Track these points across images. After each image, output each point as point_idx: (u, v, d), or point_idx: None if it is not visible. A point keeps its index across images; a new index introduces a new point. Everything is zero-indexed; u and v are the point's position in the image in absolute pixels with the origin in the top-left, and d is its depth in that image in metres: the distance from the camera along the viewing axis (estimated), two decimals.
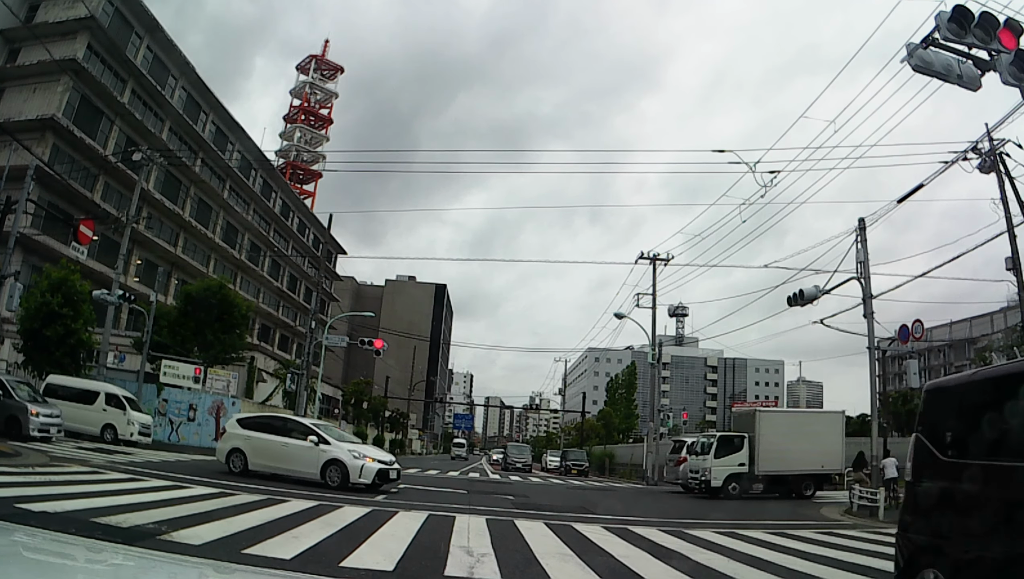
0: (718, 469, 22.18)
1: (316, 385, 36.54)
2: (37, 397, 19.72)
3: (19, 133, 27.77)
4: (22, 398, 18.23)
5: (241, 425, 15.53)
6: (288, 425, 15.53)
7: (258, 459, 14.65)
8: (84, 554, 2.03)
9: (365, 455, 14.38)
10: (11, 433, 17.12)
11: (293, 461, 14.45)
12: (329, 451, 14.18)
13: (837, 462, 23.43)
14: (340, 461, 14.04)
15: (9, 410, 17.74)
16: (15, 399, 18.02)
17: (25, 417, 17.56)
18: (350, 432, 51.68)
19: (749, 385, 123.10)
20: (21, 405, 17.88)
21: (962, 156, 17.39)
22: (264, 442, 14.78)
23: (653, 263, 32.96)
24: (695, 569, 7.27)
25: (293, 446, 14.48)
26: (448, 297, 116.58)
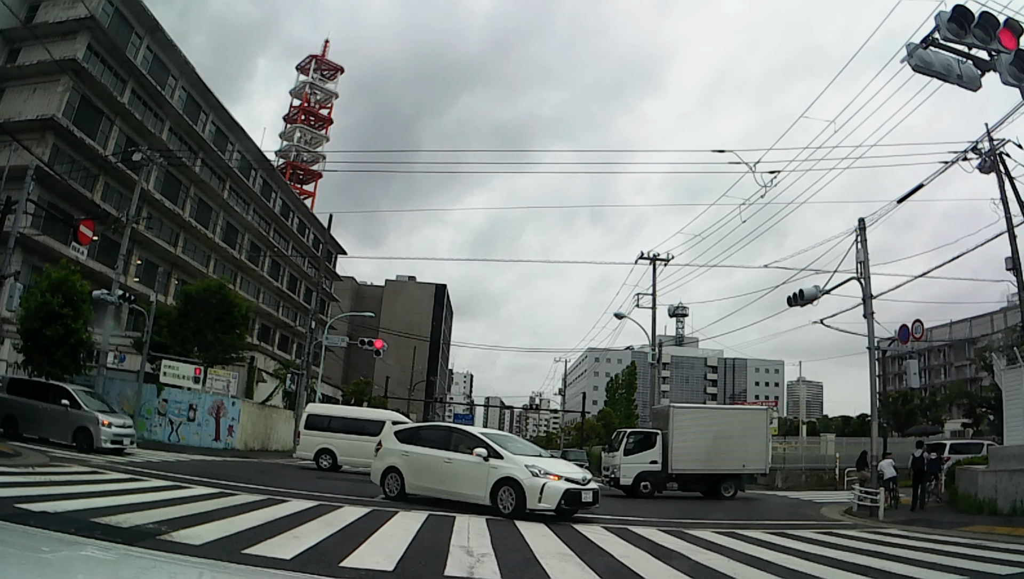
0: (628, 466, 21.36)
1: (316, 385, 36.56)
2: (107, 406, 18.99)
3: (19, 133, 27.77)
4: (91, 408, 17.33)
5: (399, 438, 13.37)
6: (453, 436, 12.98)
7: (417, 480, 12.54)
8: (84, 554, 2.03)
9: (547, 471, 11.38)
10: (81, 446, 16.47)
11: (457, 481, 12.03)
12: (501, 467, 11.48)
13: (761, 462, 22.66)
14: (515, 480, 11.30)
15: (78, 421, 16.90)
16: (83, 409, 17.12)
17: (96, 428, 16.68)
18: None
19: (749, 385, 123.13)
20: (91, 415, 16.98)
21: (962, 156, 17.40)
22: (425, 459, 12.51)
23: (653, 263, 32.96)
24: (695, 569, 7.26)
25: (458, 463, 12.01)
26: (448, 297, 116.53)
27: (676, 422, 21.83)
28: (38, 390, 18.32)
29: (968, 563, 8.85)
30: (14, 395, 18.10)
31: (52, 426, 17.31)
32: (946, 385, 72.22)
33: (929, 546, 10.80)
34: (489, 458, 11.66)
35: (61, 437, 17.04)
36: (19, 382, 19.41)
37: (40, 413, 17.41)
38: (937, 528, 13.89)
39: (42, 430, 17.48)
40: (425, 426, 15.70)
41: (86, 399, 17.68)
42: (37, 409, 17.44)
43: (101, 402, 18.79)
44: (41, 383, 19.01)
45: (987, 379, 46.49)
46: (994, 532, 12.78)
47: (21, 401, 17.76)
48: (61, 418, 17.06)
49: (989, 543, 11.37)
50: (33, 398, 17.77)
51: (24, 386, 18.88)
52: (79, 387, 19.53)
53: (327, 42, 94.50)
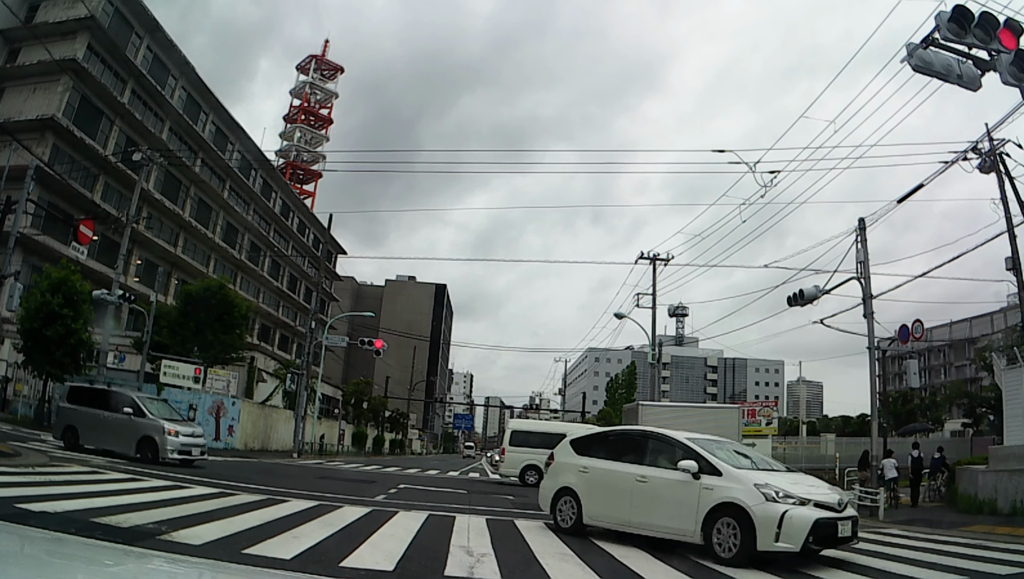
0: None
1: (316, 385, 36.56)
2: (175, 414, 18.05)
3: (19, 133, 27.79)
4: (157, 415, 16.13)
5: (576, 448, 10.10)
6: (649, 445, 9.30)
7: (598, 506, 9.19)
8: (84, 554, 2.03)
9: (786, 493, 7.55)
10: (146, 457, 15.38)
11: (652, 509, 8.55)
12: (719, 489, 7.87)
13: None
14: (739, 506, 7.55)
15: (142, 431, 15.70)
16: (148, 417, 15.94)
17: (161, 438, 15.43)
18: (350, 433, 52.10)
19: (749, 385, 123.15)
20: (155, 424, 15.73)
21: (962, 156, 17.39)
22: (609, 476, 9.22)
23: (653, 263, 32.95)
24: (695, 568, 7.26)
25: (656, 482, 8.60)
26: (448, 297, 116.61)
27: (644, 420, 21.40)
28: (100, 398, 17.12)
29: (968, 563, 8.85)
30: (75, 404, 17.10)
31: (114, 436, 16.15)
32: (946, 385, 72.20)
33: (929, 546, 10.80)
34: (700, 475, 8.06)
35: (124, 448, 15.88)
36: (81, 390, 18.33)
37: (102, 423, 16.27)
38: (937, 528, 13.89)
39: (104, 441, 16.38)
40: (611, 431, 11.99)
41: (151, 406, 16.58)
42: (99, 419, 16.33)
43: (169, 409, 17.82)
44: (104, 390, 18.05)
45: (987, 379, 46.45)
46: (994, 532, 12.78)
47: (83, 410, 16.74)
48: (124, 428, 15.84)
49: (989, 543, 11.36)
50: (95, 406, 16.65)
51: (86, 394, 17.74)
52: (145, 394, 18.56)
53: (327, 42, 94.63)
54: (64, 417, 17.23)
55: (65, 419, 17.08)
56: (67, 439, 16.53)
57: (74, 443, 16.31)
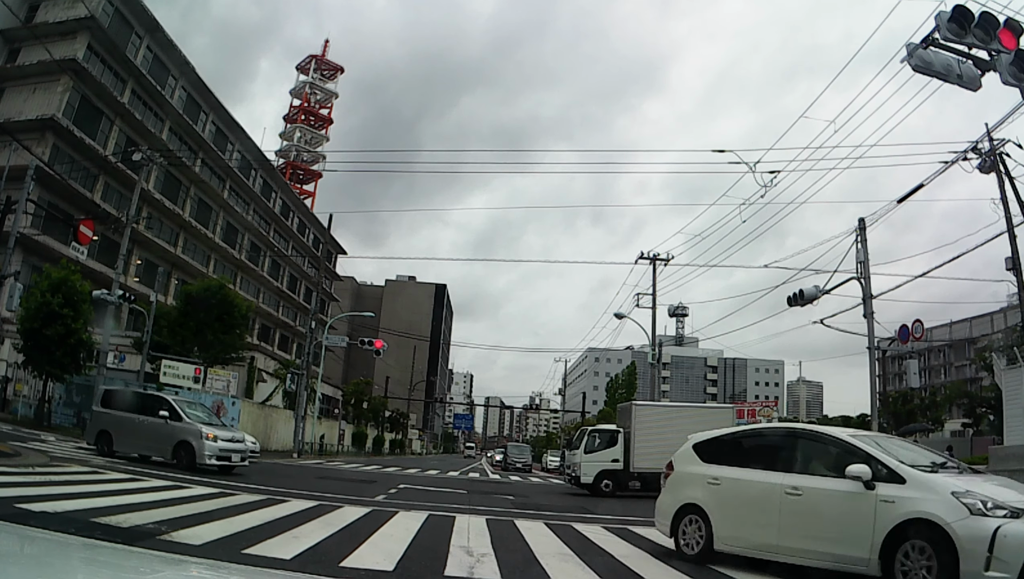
0: (588, 465, 20.90)
1: (316, 385, 36.55)
2: (214, 418, 17.33)
3: (19, 133, 27.78)
4: (194, 419, 15.36)
5: (702, 454, 8.12)
6: (800, 446, 7.26)
7: (734, 528, 7.22)
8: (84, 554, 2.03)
9: (996, 502, 5.53)
10: (182, 462, 14.64)
11: (811, 531, 6.54)
12: (903, 501, 5.89)
13: None
14: (932, 524, 5.60)
15: (178, 435, 14.98)
16: (184, 421, 15.18)
17: (199, 443, 14.61)
18: (350, 433, 52.12)
19: (749, 385, 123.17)
20: (192, 428, 14.96)
21: (962, 156, 17.40)
22: (748, 489, 7.28)
23: (653, 263, 32.96)
24: (695, 569, 7.26)
25: (812, 494, 6.59)
26: (448, 297, 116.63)
27: (638, 420, 21.37)
28: (135, 401, 16.61)
29: None
30: (109, 408, 16.61)
31: (149, 441, 15.54)
32: (946, 385, 72.21)
33: None
34: (875, 483, 6.10)
35: (160, 453, 15.31)
36: (115, 394, 17.88)
37: (137, 427, 15.67)
38: None
39: (139, 446, 15.88)
40: (747, 431, 9.83)
41: (189, 410, 15.81)
42: (133, 423, 15.74)
43: (208, 414, 17.15)
44: (139, 393, 17.36)
45: (987, 379, 46.51)
46: None
47: (117, 414, 16.22)
48: (159, 432, 15.20)
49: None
50: (130, 410, 16.11)
51: (120, 397, 17.33)
52: (182, 398, 17.82)
53: (327, 42, 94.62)
54: (97, 422, 16.65)
55: (98, 424, 16.49)
56: (100, 444, 15.98)
57: (108, 449, 15.78)
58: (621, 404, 28.53)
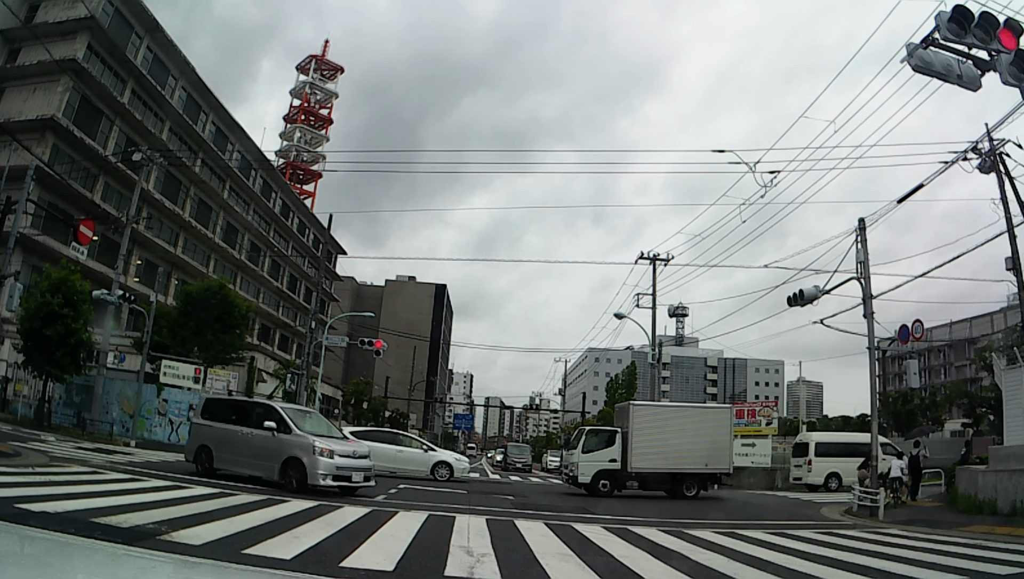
0: (586, 465, 20.85)
1: (316, 385, 36.55)
2: (332, 429, 15.12)
3: (19, 133, 27.78)
4: (305, 430, 13.36)
5: None
6: None
7: None
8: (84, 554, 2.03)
9: None
10: (290, 483, 12.50)
11: None
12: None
13: (724, 462, 22.06)
14: None
15: (286, 450, 12.87)
16: (295, 433, 13.06)
17: (310, 458, 12.46)
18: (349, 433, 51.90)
19: (749, 385, 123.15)
20: (303, 441, 12.81)
21: (962, 156, 17.39)
22: None
23: (653, 263, 32.96)
24: (695, 569, 7.26)
25: None
26: (448, 297, 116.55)
27: (636, 420, 21.37)
28: (239, 411, 14.83)
29: (968, 563, 8.85)
30: (210, 420, 14.78)
31: (253, 457, 13.51)
32: (946, 385, 72.20)
33: (929, 546, 10.80)
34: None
35: (265, 471, 13.13)
36: (217, 403, 16.14)
37: (241, 442, 13.75)
38: (937, 528, 13.89)
39: (241, 463, 13.75)
40: None
41: (300, 420, 13.80)
42: (236, 437, 13.87)
43: (326, 425, 15.12)
44: (242, 403, 15.64)
45: (987, 379, 46.47)
46: (994, 532, 12.77)
47: (219, 427, 14.37)
48: (265, 447, 13.22)
49: (989, 543, 11.36)
50: (232, 422, 14.27)
51: (223, 407, 15.70)
52: (293, 406, 16.12)
53: (327, 42, 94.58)
54: (197, 436, 14.97)
55: (198, 438, 14.78)
56: (200, 462, 14.24)
57: (208, 467, 14.01)
58: (619, 404, 28.52)
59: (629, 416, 21.61)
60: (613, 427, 22.47)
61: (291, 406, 15.84)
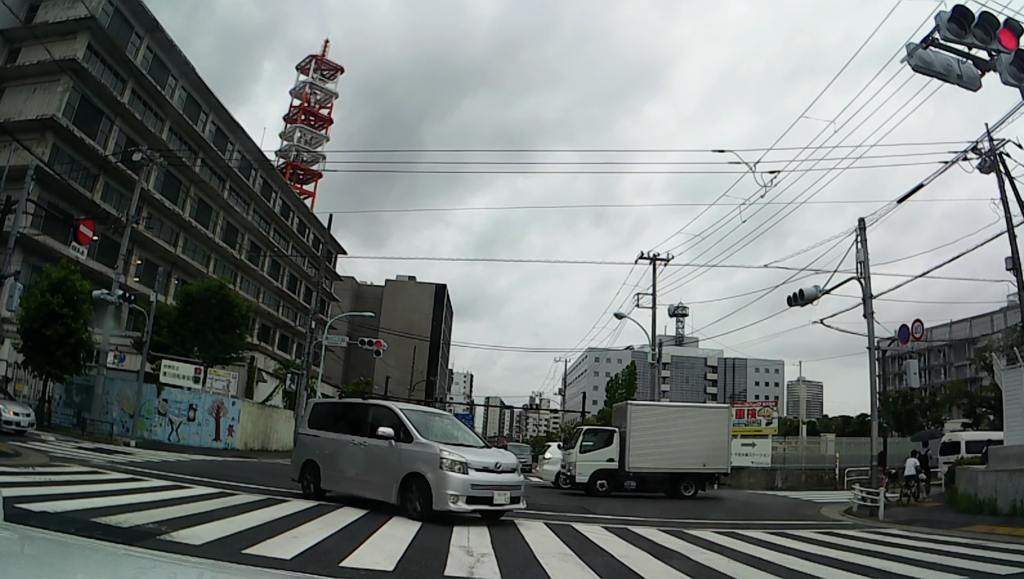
0: (584, 464, 20.80)
1: (316, 385, 36.56)
2: (467, 435, 11.76)
3: (19, 133, 27.76)
4: (432, 438, 10.42)
5: None
6: None
7: None
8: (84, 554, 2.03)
9: None
10: (411, 506, 9.81)
11: None
12: None
13: (722, 462, 22.05)
14: None
15: (408, 463, 10.10)
16: (418, 440, 10.27)
17: (437, 475, 9.62)
18: None
19: (749, 385, 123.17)
20: (428, 451, 9.96)
21: (962, 156, 17.40)
22: None
23: (653, 263, 32.97)
24: (695, 569, 7.26)
25: None
26: (448, 297, 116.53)
27: (633, 420, 21.32)
28: (349, 416, 12.23)
29: (968, 563, 8.85)
30: (318, 428, 12.16)
31: (366, 474, 10.87)
32: (946, 385, 72.20)
33: (929, 546, 10.80)
34: None
35: (382, 491, 10.40)
36: (326, 408, 13.97)
37: (350, 455, 11.17)
38: (937, 528, 13.89)
39: (352, 482, 11.17)
40: None
41: (424, 423, 10.99)
42: (346, 449, 11.24)
43: (461, 430, 11.99)
44: (353, 405, 13.47)
45: (987, 379, 46.50)
46: (994, 532, 12.78)
47: (327, 438, 11.70)
48: (380, 460, 10.56)
49: (989, 543, 11.36)
50: (342, 430, 11.62)
51: (333, 412, 13.25)
52: (414, 408, 13.12)
53: (327, 42, 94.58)
54: (303, 449, 12.40)
55: (304, 452, 12.17)
56: (306, 482, 11.73)
57: (314, 487, 11.52)
58: (617, 404, 28.51)
59: (627, 416, 21.58)
60: (611, 427, 22.44)
61: (415, 407, 13.06)
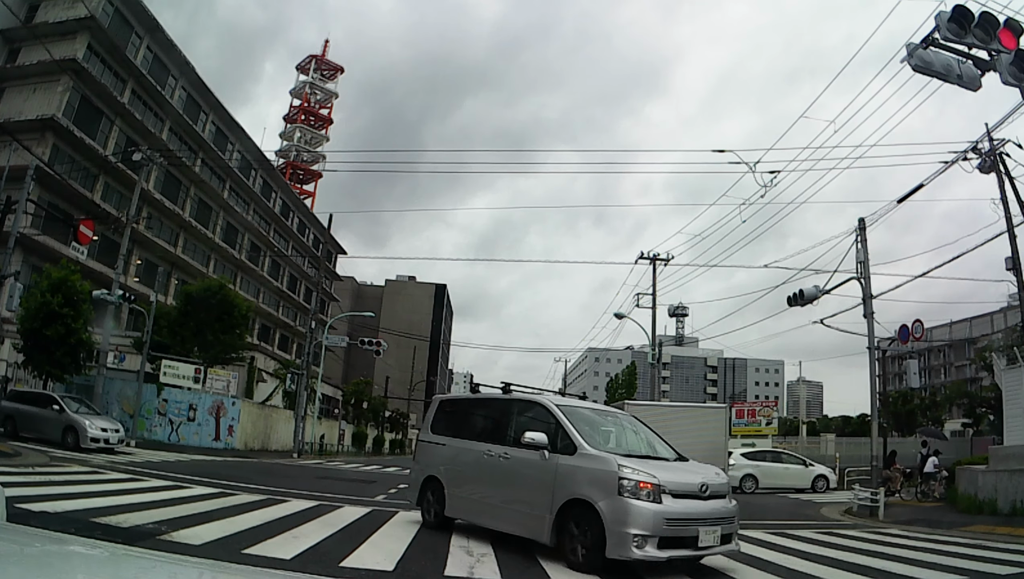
0: None
1: (316, 385, 36.56)
2: (654, 444, 8.46)
3: (19, 133, 27.76)
4: (604, 448, 7.40)
5: None
6: None
7: None
8: (84, 554, 2.03)
9: None
10: (571, 550, 6.74)
11: None
12: None
13: (720, 462, 21.71)
14: None
15: (568, 486, 6.93)
16: (585, 451, 7.02)
17: (613, 505, 6.41)
18: (350, 433, 51.99)
19: (749, 385, 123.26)
20: (602, 469, 6.69)
21: (962, 156, 17.39)
22: None
23: (653, 263, 32.95)
24: (694, 568, 7.26)
25: None
26: (448, 297, 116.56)
27: None
28: (486, 415, 8.98)
29: (968, 563, 8.85)
30: (445, 434, 9.16)
31: (507, 500, 7.77)
32: (946, 385, 72.24)
33: (929, 546, 10.80)
34: None
35: (530, 527, 7.35)
36: (456, 406, 10.19)
37: (485, 471, 8.12)
38: (937, 528, 13.89)
39: (487, 509, 8.06)
40: None
41: (592, 425, 7.94)
42: (480, 462, 8.19)
43: (636, 429, 8.71)
44: (489, 401, 9.04)
45: (987, 379, 46.50)
46: (994, 532, 12.78)
47: (457, 447, 8.80)
48: (528, 480, 7.51)
49: (989, 543, 11.36)
50: (477, 437, 8.61)
51: (465, 410, 9.71)
52: (573, 401, 8.95)
53: (327, 42, 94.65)
54: (423, 461, 9.51)
55: (425, 466, 9.39)
56: (426, 504, 9.08)
57: (435, 512, 8.82)
58: (614, 403, 28.48)
59: None
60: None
61: (576, 402, 8.80)
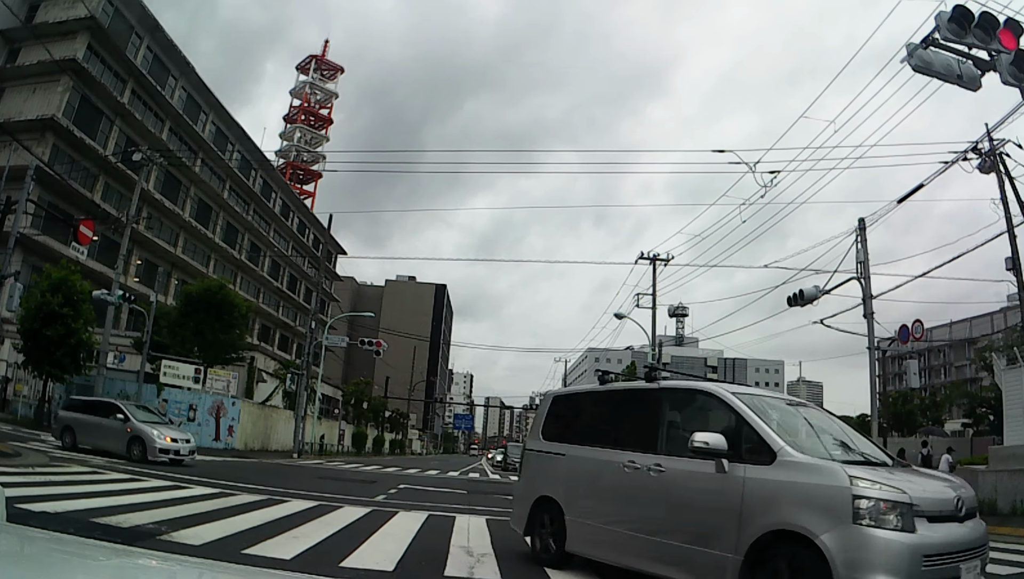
0: None
1: (316, 385, 36.55)
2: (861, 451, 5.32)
3: (19, 133, 27.77)
4: (811, 454, 4.81)
5: None
6: None
7: None
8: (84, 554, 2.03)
9: None
10: None
11: None
12: None
13: None
14: None
15: (767, 510, 4.62)
16: (789, 457, 4.67)
17: (849, 540, 4.13)
18: (350, 433, 52.04)
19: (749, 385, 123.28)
20: (820, 484, 4.37)
21: (962, 156, 17.38)
22: None
23: (653, 263, 32.93)
24: None
25: None
26: (448, 297, 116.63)
27: None
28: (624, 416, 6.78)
29: None
30: (563, 440, 7.05)
31: (666, 531, 5.39)
32: (946, 385, 72.20)
33: None
34: None
35: (702, 575, 4.98)
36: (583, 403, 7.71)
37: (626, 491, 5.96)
38: None
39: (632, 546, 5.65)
40: None
41: (789, 425, 5.53)
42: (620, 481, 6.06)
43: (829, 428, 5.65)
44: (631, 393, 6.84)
45: (987, 379, 46.50)
46: (994, 532, 12.72)
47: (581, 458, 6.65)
48: (703, 504, 5.16)
49: (989, 543, 11.33)
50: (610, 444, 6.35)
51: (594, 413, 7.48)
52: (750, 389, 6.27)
53: (327, 42, 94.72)
54: (534, 478, 7.48)
55: (537, 483, 7.33)
56: (540, 533, 6.94)
57: (555, 544, 6.62)
58: None
59: None
60: None
61: (755, 390, 6.48)
